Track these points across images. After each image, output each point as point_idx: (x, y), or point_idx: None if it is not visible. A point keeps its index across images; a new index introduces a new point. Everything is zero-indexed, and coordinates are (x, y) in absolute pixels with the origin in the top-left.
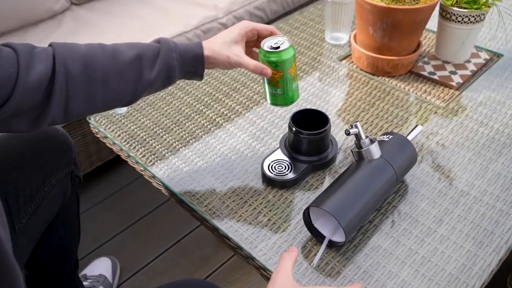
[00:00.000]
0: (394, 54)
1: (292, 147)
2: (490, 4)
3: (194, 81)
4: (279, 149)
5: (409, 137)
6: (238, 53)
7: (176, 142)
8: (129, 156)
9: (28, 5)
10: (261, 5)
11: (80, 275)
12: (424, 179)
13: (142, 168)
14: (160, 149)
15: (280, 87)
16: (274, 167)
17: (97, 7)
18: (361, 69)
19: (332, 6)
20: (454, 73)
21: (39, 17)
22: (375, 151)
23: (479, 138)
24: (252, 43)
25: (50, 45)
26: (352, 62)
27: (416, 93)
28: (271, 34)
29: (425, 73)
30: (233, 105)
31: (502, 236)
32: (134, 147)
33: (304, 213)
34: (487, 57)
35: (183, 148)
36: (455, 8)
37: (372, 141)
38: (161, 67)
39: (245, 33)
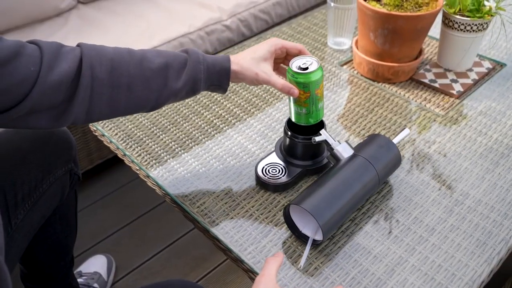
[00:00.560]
0: (395, 61)
1: (287, 151)
2: (493, 13)
3: None
4: (274, 153)
5: (396, 139)
6: (266, 70)
7: (173, 143)
8: (125, 155)
9: (35, 2)
10: (266, 8)
11: (75, 272)
12: (418, 187)
13: (137, 168)
14: (156, 149)
15: (305, 107)
16: (268, 171)
17: (103, 6)
18: (361, 75)
19: (335, 11)
20: (455, 81)
21: (46, 15)
22: (344, 149)
23: (477, 147)
24: (279, 60)
25: (78, 45)
26: (353, 67)
27: (415, 101)
28: (299, 52)
29: (426, 81)
30: (231, 107)
31: (495, 247)
32: (131, 146)
33: (284, 211)
34: (490, 66)
35: (179, 148)
36: (457, 16)
37: (340, 143)
38: (187, 78)
39: (274, 50)
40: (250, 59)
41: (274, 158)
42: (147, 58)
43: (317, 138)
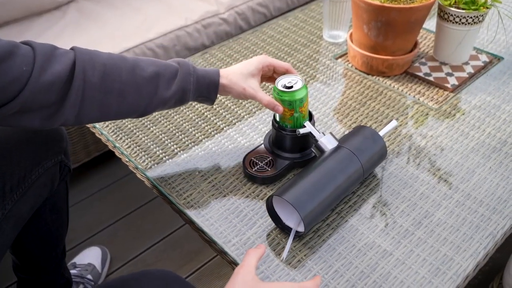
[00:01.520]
0: (389, 54)
1: (275, 143)
2: (489, 5)
3: None
4: (262, 145)
5: (382, 131)
6: (254, 86)
7: (162, 135)
8: (115, 146)
9: None
10: (264, 2)
11: (69, 263)
12: (407, 181)
13: (126, 159)
14: (146, 141)
15: (290, 123)
16: (256, 163)
17: None
18: (356, 68)
19: (330, 4)
20: (451, 75)
21: (44, 7)
22: (328, 141)
23: (469, 141)
24: (266, 76)
25: (72, 48)
26: (348, 61)
27: (409, 94)
28: (286, 71)
29: (420, 74)
30: (222, 100)
31: (481, 241)
32: (121, 138)
33: (267, 202)
34: (487, 59)
35: (168, 140)
36: (452, 9)
37: (325, 134)
38: (177, 88)
39: (262, 68)
40: (239, 74)
41: (262, 151)
42: (139, 66)
43: (302, 130)
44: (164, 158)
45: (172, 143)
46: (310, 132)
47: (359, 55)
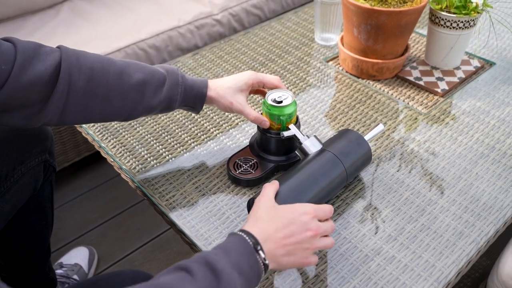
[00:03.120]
0: (379, 57)
1: (260, 146)
2: (479, 10)
3: None
4: (247, 147)
5: (368, 135)
6: (241, 101)
7: (149, 135)
8: (100, 146)
9: None
10: (258, 3)
11: (56, 263)
12: (392, 186)
13: (111, 160)
14: (131, 141)
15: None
16: (240, 165)
17: None
18: (346, 72)
19: (321, 7)
20: (441, 79)
21: (38, 6)
22: (312, 144)
23: (457, 147)
24: (254, 89)
25: (58, 47)
26: (339, 64)
27: (399, 98)
28: (276, 87)
29: (411, 78)
30: None
31: (464, 248)
32: (107, 138)
33: (248, 204)
34: (478, 64)
35: (154, 141)
36: (443, 13)
37: (309, 137)
38: (163, 97)
39: (252, 83)
40: (227, 88)
41: (247, 153)
42: (126, 72)
43: (286, 133)
44: (149, 159)
45: (158, 144)
46: (295, 135)
47: (350, 58)
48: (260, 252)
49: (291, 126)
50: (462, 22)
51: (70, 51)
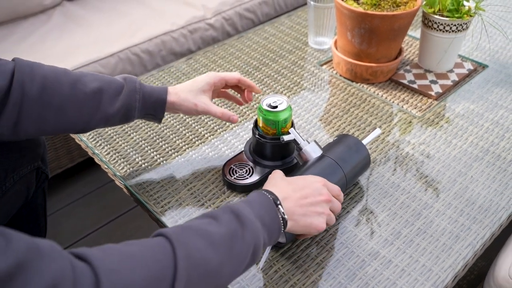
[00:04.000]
0: (373, 61)
1: (255, 151)
2: (472, 13)
3: (167, 79)
4: (243, 153)
5: (366, 140)
6: (205, 101)
7: (143, 141)
8: (94, 153)
9: None
10: (251, 7)
11: None
12: (387, 190)
13: (105, 166)
14: (125, 148)
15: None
16: (236, 171)
17: (88, 3)
18: (340, 75)
19: (315, 10)
20: (435, 82)
21: (30, 11)
22: (312, 149)
23: (451, 150)
24: (218, 90)
25: (13, 59)
26: (333, 67)
27: (393, 101)
28: (238, 82)
29: (405, 81)
30: None
31: (461, 252)
32: (100, 145)
33: None
34: (471, 67)
35: (148, 147)
36: (436, 16)
37: (309, 142)
38: (121, 105)
39: (213, 83)
40: (188, 91)
41: (242, 158)
42: (81, 81)
43: (286, 137)
44: (143, 165)
45: (152, 150)
46: (295, 140)
47: (343, 62)
48: (280, 207)
49: (291, 130)
50: (455, 25)
51: (24, 62)
